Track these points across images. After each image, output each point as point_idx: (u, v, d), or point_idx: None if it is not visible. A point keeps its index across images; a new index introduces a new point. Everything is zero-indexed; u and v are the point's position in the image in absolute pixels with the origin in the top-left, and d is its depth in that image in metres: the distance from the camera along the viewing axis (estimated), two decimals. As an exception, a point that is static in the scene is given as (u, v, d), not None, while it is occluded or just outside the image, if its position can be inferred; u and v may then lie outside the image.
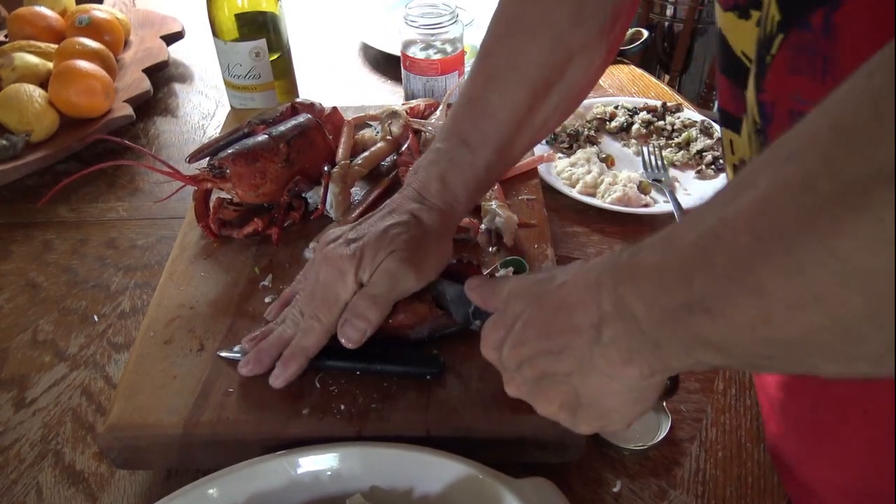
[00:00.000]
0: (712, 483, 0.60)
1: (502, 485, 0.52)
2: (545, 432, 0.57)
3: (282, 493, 0.54)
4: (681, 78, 2.23)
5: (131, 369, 0.62)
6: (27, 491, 0.62)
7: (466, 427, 0.57)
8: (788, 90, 0.42)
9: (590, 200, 0.87)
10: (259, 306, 0.68)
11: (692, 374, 0.68)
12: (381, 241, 0.58)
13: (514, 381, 0.50)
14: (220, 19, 0.94)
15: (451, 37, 0.97)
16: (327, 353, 0.60)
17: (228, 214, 0.77)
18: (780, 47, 0.41)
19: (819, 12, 0.38)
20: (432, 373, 0.60)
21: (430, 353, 0.62)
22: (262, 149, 0.76)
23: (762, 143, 0.44)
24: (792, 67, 0.41)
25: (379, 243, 0.58)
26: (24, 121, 0.96)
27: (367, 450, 0.55)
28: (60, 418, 0.67)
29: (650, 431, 0.63)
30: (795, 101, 0.41)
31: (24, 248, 0.86)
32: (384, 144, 0.85)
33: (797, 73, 0.41)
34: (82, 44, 1.07)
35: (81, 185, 0.95)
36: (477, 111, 0.61)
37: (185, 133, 1.07)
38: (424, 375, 0.60)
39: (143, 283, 0.81)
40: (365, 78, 1.18)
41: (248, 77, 0.97)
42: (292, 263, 0.73)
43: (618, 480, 0.60)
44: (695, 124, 1.00)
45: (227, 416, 0.58)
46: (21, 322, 0.77)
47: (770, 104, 0.44)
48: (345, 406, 0.58)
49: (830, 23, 0.38)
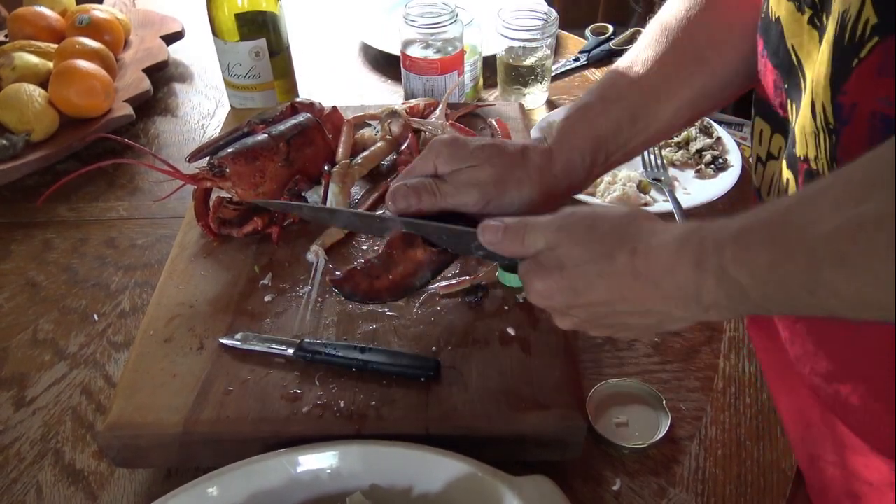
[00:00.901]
0: (712, 481, 0.60)
1: (502, 483, 0.52)
2: (545, 431, 0.57)
3: (282, 491, 0.54)
4: (680, 78, 2.23)
5: (131, 368, 0.62)
6: (27, 490, 0.62)
7: (466, 425, 0.57)
8: (875, 93, 0.42)
9: (590, 199, 0.87)
10: (259, 305, 0.68)
11: (692, 372, 0.68)
12: (483, 149, 0.58)
13: (571, 320, 0.51)
14: (220, 19, 0.94)
15: (450, 36, 0.97)
16: (332, 346, 0.61)
17: (228, 213, 0.77)
18: (871, 51, 0.41)
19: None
20: (428, 375, 0.60)
21: (428, 355, 0.62)
22: (261, 148, 0.76)
23: (835, 143, 0.44)
24: (881, 70, 0.41)
25: (479, 149, 0.58)
26: (24, 120, 0.96)
27: (366, 448, 0.55)
28: (60, 417, 0.67)
29: (650, 430, 0.63)
30: (882, 104, 0.41)
31: (24, 248, 0.86)
32: (384, 144, 0.85)
33: (887, 76, 0.41)
34: (82, 44, 1.07)
35: (81, 185, 0.95)
36: (621, 74, 0.61)
37: (185, 133, 1.07)
38: (420, 377, 0.60)
39: (143, 282, 0.81)
40: (365, 78, 1.18)
41: (248, 77, 0.98)
42: (292, 262, 0.73)
43: (617, 479, 0.60)
44: (694, 124, 1.00)
45: (226, 415, 0.58)
46: (21, 321, 0.77)
47: (850, 106, 0.43)
48: (344, 404, 0.59)
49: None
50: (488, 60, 1.09)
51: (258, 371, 0.61)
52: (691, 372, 0.69)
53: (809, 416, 0.56)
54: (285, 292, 0.69)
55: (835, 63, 0.43)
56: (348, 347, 0.62)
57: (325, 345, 0.62)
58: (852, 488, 0.54)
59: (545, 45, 1.03)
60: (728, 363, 0.70)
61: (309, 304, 0.68)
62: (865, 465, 0.52)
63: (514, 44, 1.02)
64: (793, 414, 0.60)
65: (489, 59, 1.09)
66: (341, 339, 0.64)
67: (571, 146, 0.59)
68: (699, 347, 0.71)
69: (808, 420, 0.57)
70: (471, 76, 1.05)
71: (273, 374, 0.61)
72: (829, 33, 0.44)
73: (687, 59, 0.60)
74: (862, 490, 0.53)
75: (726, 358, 0.70)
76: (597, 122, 0.59)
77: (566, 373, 0.60)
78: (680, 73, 0.60)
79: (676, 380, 0.68)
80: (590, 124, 0.59)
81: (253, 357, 0.63)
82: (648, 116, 0.60)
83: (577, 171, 0.60)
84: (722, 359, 0.70)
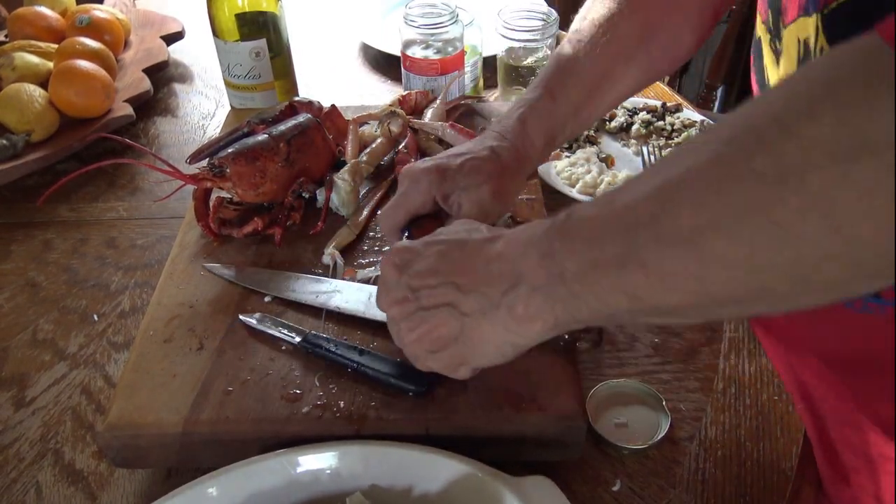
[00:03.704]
0: (712, 482, 0.60)
1: (502, 483, 0.52)
2: (545, 431, 0.57)
3: (281, 491, 0.54)
4: (680, 78, 2.24)
5: (131, 368, 0.62)
6: (27, 490, 0.62)
7: (466, 426, 0.57)
8: None
9: (589, 200, 0.87)
10: (258, 306, 0.68)
11: (692, 373, 0.68)
12: (469, 169, 0.62)
13: (402, 301, 0.52)
14: (220, 19, 0.94)
15: (450, 37, 0.97)
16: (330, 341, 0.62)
17: (228, 214, 0.77)
18: None
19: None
20: (419, 391, 0.58)
21: (422, 372, 0.58)
22: (261, 148, 0.76)
23: None
24: None
25: (467, 171, 0.62)
26: (25, 120, 0.96)
27: (366, 448, 0.55)
28: (60, 417, 0.67)
29: (650, 431, 0.63)
30: None
31: (24, 248, 0.86)
32: (384, 140, 0.85)
33: None
34: (82, 44, 1.07)
35: (81, 185, 0.95)
36: (566, 69, 0.66)
37: (185, 133, 1.07)
38: (408, 392, 0.59)
39: (143, 283, 0.81)
40: (365, 78, 1.18)
41: (248, 77, 0.98)
42: (292, 263, 0.73)
43: (617, 479, 0.60)
44: (694, 124, 1.00)
45: (226, 415, 0.58)
46: (21, 321, 0.77)
47: None
48: (344, 405, 0.58)
49: None
50: (488, 61, 1.09)
51: (258, 371, 0.61)
52: (691, 372, 0.69)
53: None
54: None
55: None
56: (349, 347, 0.62)
57: (329, 340, 0.62)
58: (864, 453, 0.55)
59: (545, 45, 1.03)
60: (728, 364, 0.70)
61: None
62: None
63: (514, 44, 1.02)
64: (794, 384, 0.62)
65: (489, 60, 1.09)
66: (342, 338, 0.64)
67: (527, 142, 0.65)
68: (699, 348, 0.71)
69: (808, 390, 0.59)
70: (471, 76, 1.05)
71: (273, 375, 0.61)
72: (790, 56, 0.49)
73: (619, 57, 0.66)
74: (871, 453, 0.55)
75: (726, 358, 0.70)
76: (547, 118, 0.65)
77: (566, 373, 0.60)
78: (616, 69, 0.66)
79: (676, 380, 0.68)
80: (541, 121, 0.65)
81: (256, 349, 0.63)
82: (590, 108, 0.67)
83: (532, 161, 0.66)
84: (722, 359, 0.70)
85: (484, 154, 0.63)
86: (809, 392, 0.59)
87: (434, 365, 0.53)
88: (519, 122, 0.65)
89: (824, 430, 0.58)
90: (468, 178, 0.61)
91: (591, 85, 0.66)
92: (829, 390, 0.56)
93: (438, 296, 0.50)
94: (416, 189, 0.63)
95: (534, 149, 0.65)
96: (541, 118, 0.65)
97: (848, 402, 0.55)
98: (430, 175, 0.62)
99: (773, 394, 0.67)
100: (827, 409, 0.58)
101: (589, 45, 0.65)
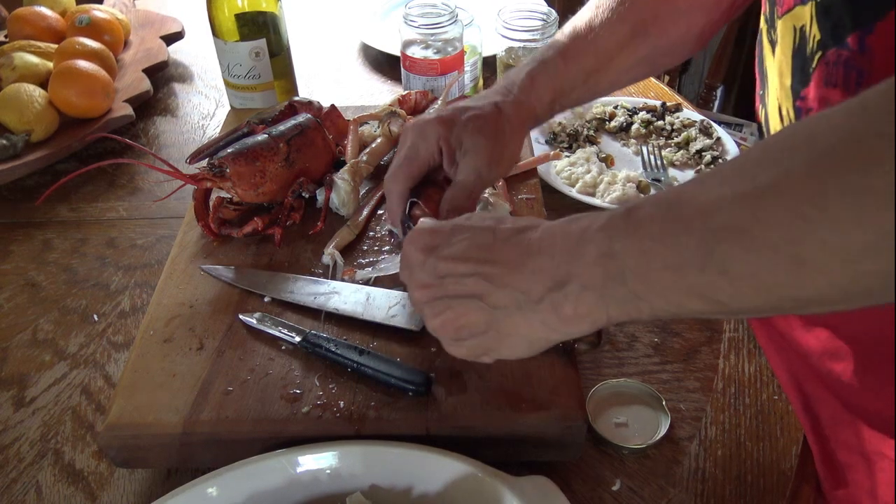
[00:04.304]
0: (711, 482, 0.60)
1: (502, 483, 0.52)
2: (545, 431, 0.57)
3: (281, 491, 0.54)
4: (680, 78, 2.24)
5: (131, 368, 0.62)
6: (27, 490, 0.62)
7: (466, 426, 0.57)
8: (827, 101, 0.46)
9: (589, 200, 0.87)
10: (258, 306, 0.68)
11: (692, 373, 0.68)
12: (473, 129, 0.61)
13: (427, 286, 0.50)
14: (220, 19, 0.94)
15: (450, 37, 0.97)
16: (330, 340, 0.61)
17: (228, 214, 0.77)
18: (818, 63, 0.45)
19: (854, 35, 0.42)
20: (418, 392, 0.59)
21: (422, 370, 0.60)
22: (261, 148, 0.76)
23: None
24: (827, 81, 0.45)
25: (471, 130, 0.61)
26: (24, 121, 0.96)
27: (366, 448, 0.55)
28: (60, 417, 0.67)
29: (650, 430, 0.63)
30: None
31: (23, 248, 0.86)
32: (384, 140, 0.85)
33: (832, 86, 0.45)
34: (82, 44, 1.07)
35: (81, 185, 0.95)
36: (580, 33, 0.67)
37: (184, 133, 1.07)
38: (408, 392, 0.59)
39: (143, 283, 0.81)
40: (365, 78, 1.18)
41: (248, 77, 0.98)
42: (292, 263, 0.73)
43: (617, 479, 0.60)
44: (694, 124, 1.00)
45: (226, 415, 0.58)
46: (21, 321, 0.77)
47: (806, 111, 0.48)
48: (344, 404, 0.58)
49: (865, 44, 0.42)
50: (488, 61, 1.09)
51: (258, 371, 0.61)
52: (691, 372, 0.69)
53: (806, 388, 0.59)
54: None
55: (795, 71, 0.48)
56: (348, 347, 0.62)
57: (328, 340, 0.62)
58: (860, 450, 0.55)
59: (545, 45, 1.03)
60: (728, 364, 0.70)
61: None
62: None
63: (513, 44, 1.02)
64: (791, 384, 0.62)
65: (489, 60, 1.09)
66: (341, 338, 0.64)
67: (533, 97, 0.65)
68: (699, 348, 0.71)
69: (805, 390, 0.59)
70: (471, 76, 1.05)
71: (273, 375, 0.61)
72: (785, 44, 0.49)
73: (634, 31, 0.66)
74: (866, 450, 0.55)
75: (726, 358, 0.70)
76: (557, 77, 0.66)
77: (566, 373, 0.60)
78: (628, 42, 0.67)
79: (676, 380, 0.68)
80: (550, 79, 0.65)
81: (255, 349, 0.63)
82: (599, 75, 0.68)
83: (537, 117, 0.67)
84: (722, 359, 0.70)
85: (488, 110, 0.62)
86: (804, 389, 0.59)
87: (457, 352, 0.52)
88: (528, 77, 0.65)
89: (820, 428, 0.58)
90: (471, 138, 0.61)
91: (603, 53, 0.66)
92: (824, 388, 0.56)
93: (466, 286, 0.48)
94: (424, 140, 0.62)
95: (540, 104, 0.65)
96: (550, 77, 0.65)
97: (842, 400, 0.55)
98: (437, 127, 0.62)
99: (772, 393, 0.67)
100: (822, 406, 0.58)
101: (606, 11, 0.66)
